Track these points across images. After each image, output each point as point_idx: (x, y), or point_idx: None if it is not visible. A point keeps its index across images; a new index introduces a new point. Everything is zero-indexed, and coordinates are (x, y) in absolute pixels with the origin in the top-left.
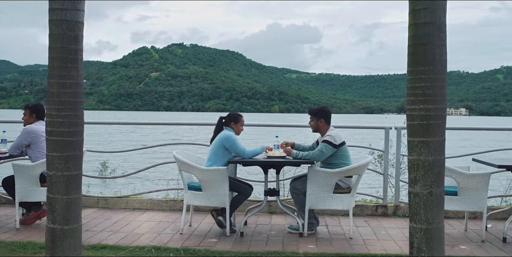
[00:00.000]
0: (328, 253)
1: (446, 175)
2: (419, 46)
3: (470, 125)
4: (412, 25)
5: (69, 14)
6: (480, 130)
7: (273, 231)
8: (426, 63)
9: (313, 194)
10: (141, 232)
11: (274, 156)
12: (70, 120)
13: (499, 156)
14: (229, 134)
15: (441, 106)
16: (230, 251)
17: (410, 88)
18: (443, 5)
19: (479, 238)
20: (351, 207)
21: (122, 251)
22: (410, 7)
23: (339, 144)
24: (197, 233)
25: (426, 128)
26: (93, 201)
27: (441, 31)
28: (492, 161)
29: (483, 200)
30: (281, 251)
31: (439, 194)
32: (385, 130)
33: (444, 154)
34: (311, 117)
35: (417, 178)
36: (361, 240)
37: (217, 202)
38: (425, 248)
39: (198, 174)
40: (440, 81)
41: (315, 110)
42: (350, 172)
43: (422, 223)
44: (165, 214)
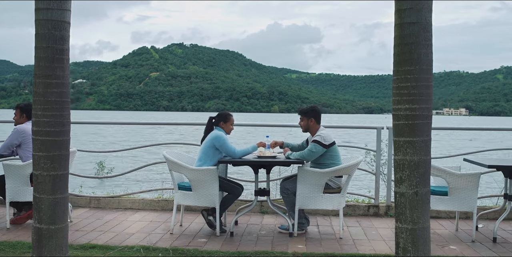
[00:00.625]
0: (316, 253)
1: (436, 175)
2: (405, 46)
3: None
4: (397, 25)
5: (55, 14)
6: (468, 130)
7: (263, 231)
8: (411, 63)
9: (303, 194)
10: (131, 232)
11: (265, 156)
12: (56, 120)
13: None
14: (219, 134)
15: (426, 106)
16: (219, 251)
17: (395, 88)
18: (429, 5)
19: (469, 238)
20: (341, 207)
21: (111, 251)
22: (395, 7)
23: (329, 144)
24: (187, 233)
25: (411, 128)
26: (85, 201)
27: (426, 31)
28: (483, 161)
29: (473, 200)
30: (270, 251)
31: (425, 194)
32: (377, 130)
33: (429, 154)
34: (301, 117)
35: (402, 178)
36: (351, 240)
37: (207, 202)
38: (411, 248)
39: (188, 174)
40: (425, 81)
41: (305, 109)
42: (340, 172)
43: (407, 223)
44: (157, 214)
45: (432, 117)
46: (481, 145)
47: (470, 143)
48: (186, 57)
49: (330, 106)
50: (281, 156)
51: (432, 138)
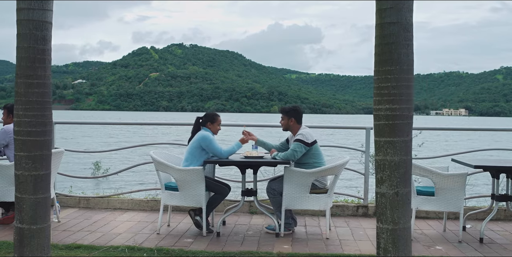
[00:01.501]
0: (301, 254)
1: (422, 175)
2: (385, 46)
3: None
4: (378, 25)
5: (36, 14)
6: (454, 130)
7: (250, 231)
8: (392, 63)
9: (289, 195)
10: (118, 232)
11: (251, 156)
12: (38, 120)
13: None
14: (205, 134)
15: (407, 106)
16: (203, 251)
17: (376, 88)
18: (409, 5)
19: (456, 239)
20: (328, 208)
21: (96, 251)
22: (376, 6)
23: (311, 142)
24: (174, 233)
25: (392, 128)
26: (75, 201)
27: (407, 30)
28: (470, 161)
29: (460, 200)
30: (255, 251)
31: (406, 195)
32: (366, 130)
33: (410, 154)
34: (282, 116)
35: (383, 178)
36: (337, 241)
37: (194, 202)
38: (392, 249)
39: (174, 174)
40: (406, 81)
41: (286, 109)
42: (327, 172)
43: (388, 223)
44: (145, 214)
45: (413, 117)
46: (478, 146)
47: (467, 144)
48: (186, 57)
49: (329, 106)
50: (268, 157)
51: (433, 138)
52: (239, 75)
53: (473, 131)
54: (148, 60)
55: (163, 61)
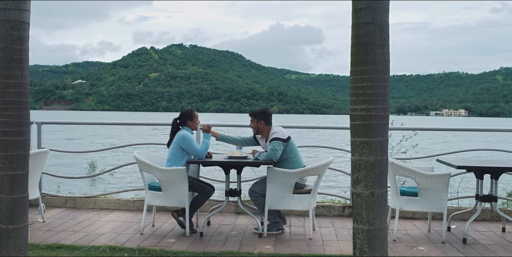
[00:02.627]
0: (282, 254)
1: (405, 175)
2: (360, 46)
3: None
4: (354, 24)
5: (12, 14)
6: (434, 130)
7: (234, 231)
8: (367, 63)
9: (272, 195)
10: (102, 232)
11: (235, 157)
12: (14, 120)
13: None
14: (184, 134)
15: (382, 106)
16: (184, 251)
17: (352, 88)
18: (385, 5)
19: (440, 239)
20: (311, 208)
21: (77, 251)
22: (352, 6)
23: (286, 138)
24: (158, 233)
25: (367, 128)
26: (61, 201)
27: (382, 30)
28: (454, 162)
29: (443, 201)
30: (236, 252)
31: (381, 195)
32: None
33: (386, 155)
34: (251, 119)
35: (359, 179)
36: (320, 241)
37: (177, 202)
38: (367, 249)
39: (157, 174)
40: (381, 81)
41: (255, 112)
42: (310, 173)
43: (364, 224)
44: (131, 214)
45: (389, 117)
46: (476, 146)
47: (465, 144)
48: (186, 57)
49: (329, 107)
50: (252, 157)
51: (435, 139)
52: (239, 75)
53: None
54: (147, 60)
55: (163, 62)
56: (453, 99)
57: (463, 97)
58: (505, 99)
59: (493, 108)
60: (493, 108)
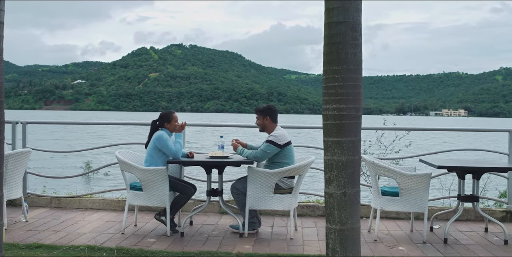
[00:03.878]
0: (260, 254)
1: (386, 175)
2: (332, 45)
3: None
4: (326, 24)
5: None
6: (413, 130)
7: (216, 231)
8: (339, 63)
9: (253, 194)
10: (83, 231)
11: (217, 156)
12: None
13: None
14: (160, 134)
15: (354, 106)
16: (163, 251)
17: (324, 87)
18: (357, 4)
19: (422, 239)
20: (292, 208)
21: (56, 251)
22: (325, 6)
23: (283, 144)
24: (139, 233)
25: (339, 128)
26: (46, 201)
27: (354, 30)
28: (435, 162)
29: (424, 201)
30: (214, 251)
31: (353, 195)
32: None
33: (359, 155)
34: (257, 116)
35: (331, 179)
36: (300, 241)
37: (158, 202)
38: (339, 249)
39: (138, 174)
40: (353, 80)
41: (261, 108)
42: (290, 173)
43: (336, 224)
44: (115, 214)
45: (361, 117)
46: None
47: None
48: (185, 57)
49: None
50: (235, 157)
51: (437, 140)
52: (239, 75)
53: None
54: (147, 60)
55: (163, 62)
56: (453, 99)
57: (462, 97)
58: (505, 99)
59: (492, 108)
60: (493, 108)
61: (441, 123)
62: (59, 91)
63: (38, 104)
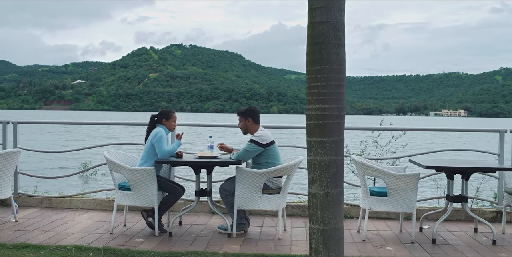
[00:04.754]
0: (247, 254)
1: (375, 175)
2: (315, 45)
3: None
4: (309, 24)
5: None
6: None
7: (205, 231)
8: (321, 63)
9: (241, 195)
10: (72, 231)
11: (205, 156)
12: None
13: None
14: (157, 130)
15: (337, 106)
16: (150, 251)
17: (307, 87)
18: (339, 4)
19: (410, 239)
20: (280, 208)
21: (43, 251)
22: (308, 6)
23: (266, 143)
24: (128, 233)
25: (321, 128)
26: (37, 201)
27: (337, 30)
28: (424, 162)
29: (412, 201)
30: (201, 251)
31: (336, 195)
32: None
33: (342, 155)
34: (239, 118)
35: (314, 179)
36: (288, 241)
37: (146, 202)
38: (322, 249)
39: (126, 174)
40: (336, 80)
41: (242, 110)
42: (278, 172)
43: (319, 224)
44: (105, 214)
45: (344, 117)
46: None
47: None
48: (185, 58)
49: None
50: (223, 157)
51: (439, 141)
52: (239, 75)
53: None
54: (147, 60)
55: (163, 62)
56: (453, 99)
57: (462, 98)
58: (505, 100)
59: (492, 109)
60: (493, 109)
61: (440, 123)
62: (59, 91)
63: (38, 104)
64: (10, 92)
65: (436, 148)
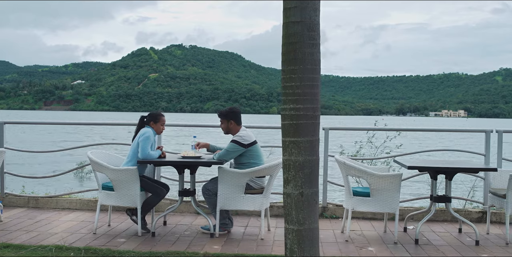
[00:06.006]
0: (227, 254)
1: (357, 176)
2: (290, 45)
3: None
4: (284, 24)
5: None
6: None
7: (188, 231)
8: (296, 62)
9: (224, 195)
10: (55, 231)
11: (188, 156)
12: None
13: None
14: (145, 130)
15: (312, 106)
16: (130, 251)
17: (282, 87)
18: (314, 4)
19: (393, 240)
20: (263, 208)
21: (23, 251)
22: (283, 6)
23: (248, 144)
24: (111, 233)
25: (296, 128)
26: (24, 201)
27: (311, 30)
28: (407, 162)
29: (395, 201)
30: (181, 251)
31: (311, 195)
32: None
33: (317, 155)
34: (221, 120)
35: (288, 179)
36: (271, 241)
37: (129, 202)
38: (297, 249)
39: (109, 174)
40: (310, 80)
41: (224, 112)
42: (261, 173)
43: (293, 224)
44: (91, 214)
45: (319, 117)
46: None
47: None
48: (185, 58)
49: (329, 107)
50: (207, 157)
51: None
52: (238, 76)
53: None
54: (147, 60)
55: (163, 62)
56: (453, 100)
57: (462, 98)
58: (505, 100)
59: (492, 109)
60: (493, 109)
61: (439, 124)
62: (59, 92)
63: (38, 105)
64: (10, 92)
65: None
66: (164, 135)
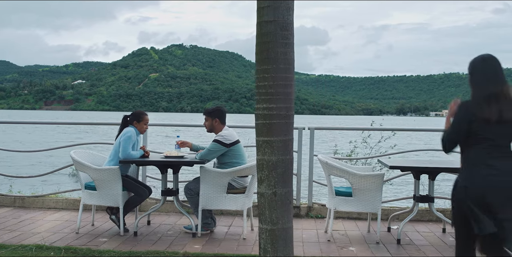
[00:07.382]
0: (207, 254)
1: (339, 175)
2: (263, 44)
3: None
4: (258, 23)
5: None
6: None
7: (171, 231)
8: (268, 62)
9: (206, 194)
10: (38, 231)
11: (171, 156)
12: None
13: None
14: (129, 130)
15: (285, 105)
16: (110, 251)
17: (256, 87)
18: (287, 3)
19: (376, 240)
20: (245, 208)
21: (4, 250)
22: (257, 5)
23: (230, 143)
24: (94, 232)
25: (269, 128)
26: (10, 200)
27: (285, 29)
28: (389, 162)
29: (377, 201)
30: (161, 251)
31: (284, 195)
32: (298, 130)
33: (290, 154)
34: (205, 117)
35: (262, 178)
36: (253, 241)
37: (111, 202)
38: (270, 249)
39: (91, 173)
40: (283, 80)
41: (209, 110)
42: (243, 172)
43: (267, 223)
44: (76, 214)
45: (293, 116)
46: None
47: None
48: (186, 58)
49: (329, 107)
50: (190, 156)
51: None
52: (239, 76)
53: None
54: (148, 60)
55: (163, 62)
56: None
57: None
58: None
59: None
60: None
61: (440, 124)
62: (59, 91)
63: (39, 104)
64: (10, 92)
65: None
66: (164, 135)
